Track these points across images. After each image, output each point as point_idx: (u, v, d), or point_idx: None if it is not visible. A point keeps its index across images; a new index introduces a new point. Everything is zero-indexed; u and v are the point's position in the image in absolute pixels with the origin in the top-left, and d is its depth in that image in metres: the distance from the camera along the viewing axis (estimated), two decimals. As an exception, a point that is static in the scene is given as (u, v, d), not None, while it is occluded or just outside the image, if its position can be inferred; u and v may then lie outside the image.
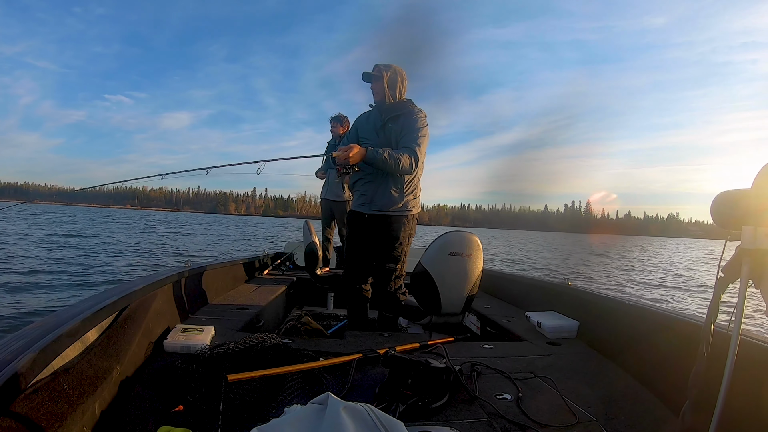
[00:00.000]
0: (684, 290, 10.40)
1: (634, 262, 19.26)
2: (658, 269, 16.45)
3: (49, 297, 5.28)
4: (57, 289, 5.76)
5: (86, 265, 8.09)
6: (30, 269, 7.05)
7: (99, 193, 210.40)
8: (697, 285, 11.45)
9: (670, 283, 11.72)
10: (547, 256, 22.58)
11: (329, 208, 4.13)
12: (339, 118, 4.12)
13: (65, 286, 6.05)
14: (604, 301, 2.00)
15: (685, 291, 10.30)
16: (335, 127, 4.13)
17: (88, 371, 1.08)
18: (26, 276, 6.48)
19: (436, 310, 2.17)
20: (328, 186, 4.12)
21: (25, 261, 7.93)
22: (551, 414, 1.21)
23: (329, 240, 4.23)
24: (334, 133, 4.12)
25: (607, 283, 10.53)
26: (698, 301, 8.56)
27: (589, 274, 12.44)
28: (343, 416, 0.77)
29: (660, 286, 11.03)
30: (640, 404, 1.31)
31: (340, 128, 4.08)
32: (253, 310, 2.26)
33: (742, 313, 0.88)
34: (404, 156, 2.02)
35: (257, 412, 1.13)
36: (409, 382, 1.24)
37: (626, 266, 16.72)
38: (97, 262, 8.62)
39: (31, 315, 4.27)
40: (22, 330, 1.06)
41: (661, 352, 1.43)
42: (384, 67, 2.15)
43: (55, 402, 0.90)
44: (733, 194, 0.92)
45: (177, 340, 1.56)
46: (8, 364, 0.83)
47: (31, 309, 4.52)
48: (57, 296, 5.38)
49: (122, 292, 1.47)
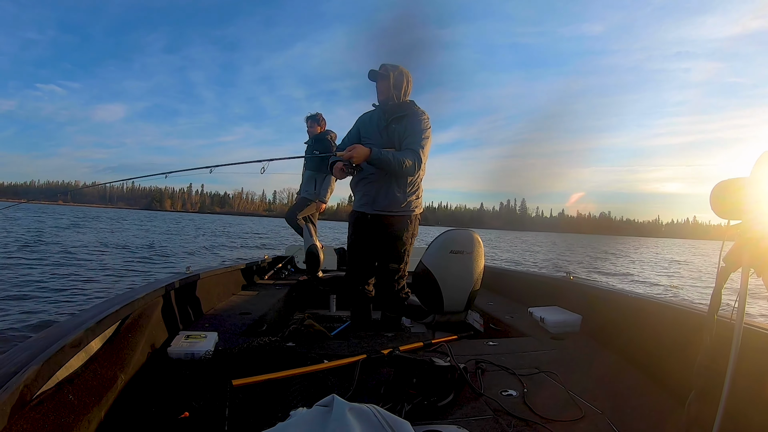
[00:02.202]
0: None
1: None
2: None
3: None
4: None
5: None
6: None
7: (30, 188, 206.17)
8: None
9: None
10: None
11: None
12: (316, 117, 4.04)
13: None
14: (606, 294, 2.00)
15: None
16: (312, 127, 4.04)
17: (93, 381, 1.08)
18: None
19: (438, 309, 2.17)
20: (302, 184, 4.11)
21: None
22: (557, 409, 1.21)
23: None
24: (311, 132, 4.05)
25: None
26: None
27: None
28: (349, 417, 0.77)
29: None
30: (646, 396, 1.31)
31: (317, 127, 4.01)
32: (255, 314, 2.26)
33: (745, 301, 0.88)
34: (408, 158, 2.02)
35: (263, 417, 1.13)
36: (414, 381, 1.24)
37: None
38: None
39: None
40: (26, 341, 1.06)
41: (664, 343, 1.43)
42: (391, 66, 2.14)
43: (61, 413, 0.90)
44: (731, 183, 0.92)
45: (181, 346, 1.56)
46: (13, 376, 0.83)
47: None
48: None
49: (125, 301, 1.47)
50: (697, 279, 13.17)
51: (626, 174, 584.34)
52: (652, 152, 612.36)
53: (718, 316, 0.95)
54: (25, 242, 11.09)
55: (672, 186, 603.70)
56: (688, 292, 9.53)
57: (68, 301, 5.04)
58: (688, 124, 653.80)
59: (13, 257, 8.28)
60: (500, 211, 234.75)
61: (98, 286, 6.03)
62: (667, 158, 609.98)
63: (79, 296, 5.33)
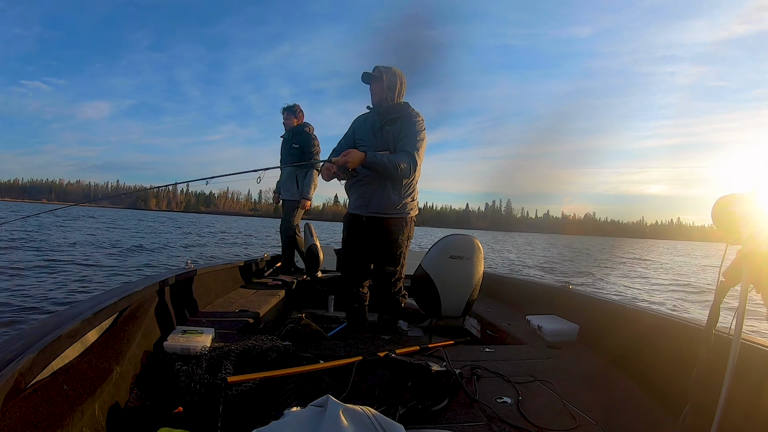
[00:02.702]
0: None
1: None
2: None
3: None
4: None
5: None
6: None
7: (13, 186, 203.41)
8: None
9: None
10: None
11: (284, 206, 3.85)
12: (293, 108, 3.75)
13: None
14: (604, 305, 1.99)
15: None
16: (288, 119, 3.75)
17: (88, 372, 1.08)
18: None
19: (436, 313, 2.17)
20: (281, 184, 3.85)
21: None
22: (551, 418, 1.21)
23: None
24: (287, 125, 3.77)
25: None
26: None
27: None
28: (343, 419, 0.77)
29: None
30: (641, 408, 1.30)
31: (293, 119, 3.73)
32: (253, 312, 2.26)
33: (743, 317, 0.88)
34: (403, 160, 2.02)
35: (257, 414, 1.13)
36: (409, 385, 1.24)
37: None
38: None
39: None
40: (22, 330, 1.06)
41: (661, 356, 1.43)
42: (384, 68, 2.15)
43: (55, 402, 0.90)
44: (733, 198, 0.92)
45: (177, 341, 1.56)
46: (8, 364, 0.83)
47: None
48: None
49: (122, 294, 1.47)
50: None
51: (612, 176, 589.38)
52: (638, 154, 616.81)
53: (716, 330, 0.95)
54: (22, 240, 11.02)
55: (657, 188, 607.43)
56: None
57: (67, 297, 5.04)
58: (673, 126, 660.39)
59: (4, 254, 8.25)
60: (486, 211, 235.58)
61: (96, 284, 6.04)
62: (652, 160, 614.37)
63: (78, 293, 5.33)
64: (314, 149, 3.70)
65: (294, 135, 3.73)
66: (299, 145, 3.68)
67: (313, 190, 3.73)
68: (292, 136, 3.74)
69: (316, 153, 3.69)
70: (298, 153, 3.66)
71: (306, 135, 3.71)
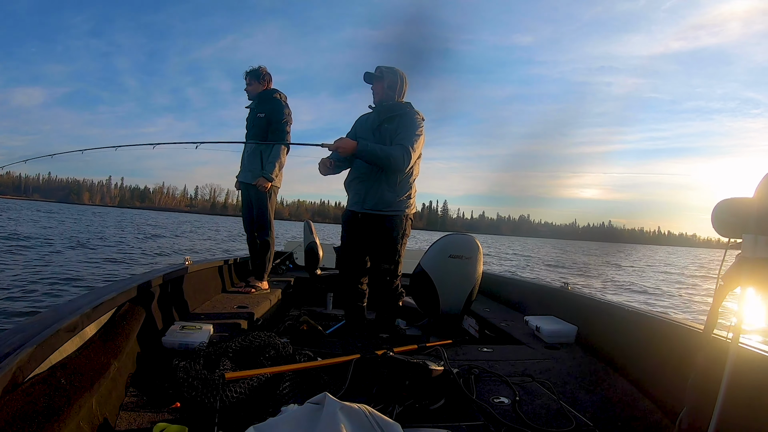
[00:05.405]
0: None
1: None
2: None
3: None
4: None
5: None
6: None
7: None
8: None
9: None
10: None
11: (246, 192, 3.00)
12: (257, 72, 2.96)
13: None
14: (602, 307, 1.99)
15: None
16: (251, 85, 2.97)
17: (86, 366, 1.07)
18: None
19: (434, 312, 2.17)
20: (243, 163, 3.01)
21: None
22: (548, 418, 1.21)
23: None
24: (251, 92, 2.99)
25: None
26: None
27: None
28: (340, 416, 0.77)
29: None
30: (637, 410, 1.30)
31: (258, 86, 2.96)
32: (251, 308, 2.26)
33: (742, 321, 0.88)
34: (395, 151, 2.03)
35: (254, 411, 1.13)
36: (407, 383, 1.24)
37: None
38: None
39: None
40: (20, 324, 1.06)
41: (658, 359, 1.43)
42: (386, 68, 2.16)
43: (52, 396, 0.90)
44: (734, 202, 0.92)
45: (175, 337, 1.56)
46: (5, 358, 0.83)
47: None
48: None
49: (121, 288, 1.47)
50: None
51: (547, 179, 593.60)
52: (572, 159, 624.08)
53: (714, 334, 0.95)
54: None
55: (590, 192, 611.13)
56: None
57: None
58: (607, 134, 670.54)
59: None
60: (422, 211, 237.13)
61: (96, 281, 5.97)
62: (586, 165, 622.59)
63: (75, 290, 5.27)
64: (285, 119, 2.89)
65: (261, 102, 2.95)
66: (265, 114, 2.88)
67: (278, 170, 2.90)
68: (259, 103, 2.96)
69: (286, 124, 2.90)
70: (264, 124, 2.87)
71: (276, 102, 2.92)
